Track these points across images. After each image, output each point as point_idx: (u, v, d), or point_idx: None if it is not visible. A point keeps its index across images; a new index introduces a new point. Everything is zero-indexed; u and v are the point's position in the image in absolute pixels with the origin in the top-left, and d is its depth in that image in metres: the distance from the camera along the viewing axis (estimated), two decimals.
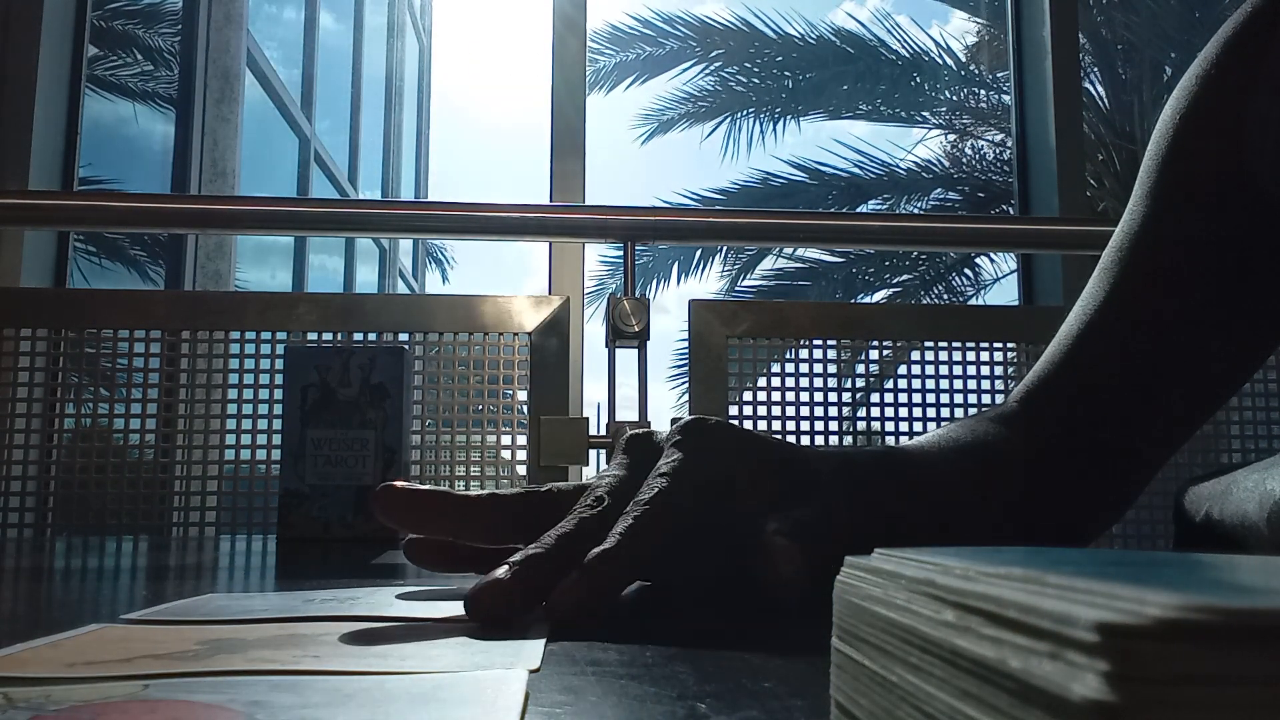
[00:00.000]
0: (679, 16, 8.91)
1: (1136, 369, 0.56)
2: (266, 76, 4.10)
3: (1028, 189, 1.89)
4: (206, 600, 0.40)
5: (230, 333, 1.15)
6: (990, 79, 8.14)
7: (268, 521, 1.11)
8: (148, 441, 1.15)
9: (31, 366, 1.13)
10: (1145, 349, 0.56)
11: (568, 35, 1.70)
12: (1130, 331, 0.57)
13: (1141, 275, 0.56)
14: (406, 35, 7.89)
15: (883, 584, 0.16)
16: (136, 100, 3.84)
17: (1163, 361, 0.56)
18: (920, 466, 0.54)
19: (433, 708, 0.21)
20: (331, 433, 0.79)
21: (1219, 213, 0.54)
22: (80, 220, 1.45)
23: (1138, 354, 0.56)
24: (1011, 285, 7.80)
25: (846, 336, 1.22)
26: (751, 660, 0.28)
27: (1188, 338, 0.56)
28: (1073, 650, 0.10)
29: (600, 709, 0.22)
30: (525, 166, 19.67)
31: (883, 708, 0.15)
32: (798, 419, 1.19)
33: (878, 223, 2.11)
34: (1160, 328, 0.56)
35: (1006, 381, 1.23)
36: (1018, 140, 1.92)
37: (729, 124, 8.80)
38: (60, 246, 1.68)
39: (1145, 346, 0.56)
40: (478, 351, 1.18)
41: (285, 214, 1.38)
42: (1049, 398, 0.59)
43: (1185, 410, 0.58)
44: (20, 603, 0.47)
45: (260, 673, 0.24)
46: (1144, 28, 7.18)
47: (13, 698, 0.22)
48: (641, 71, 9.09)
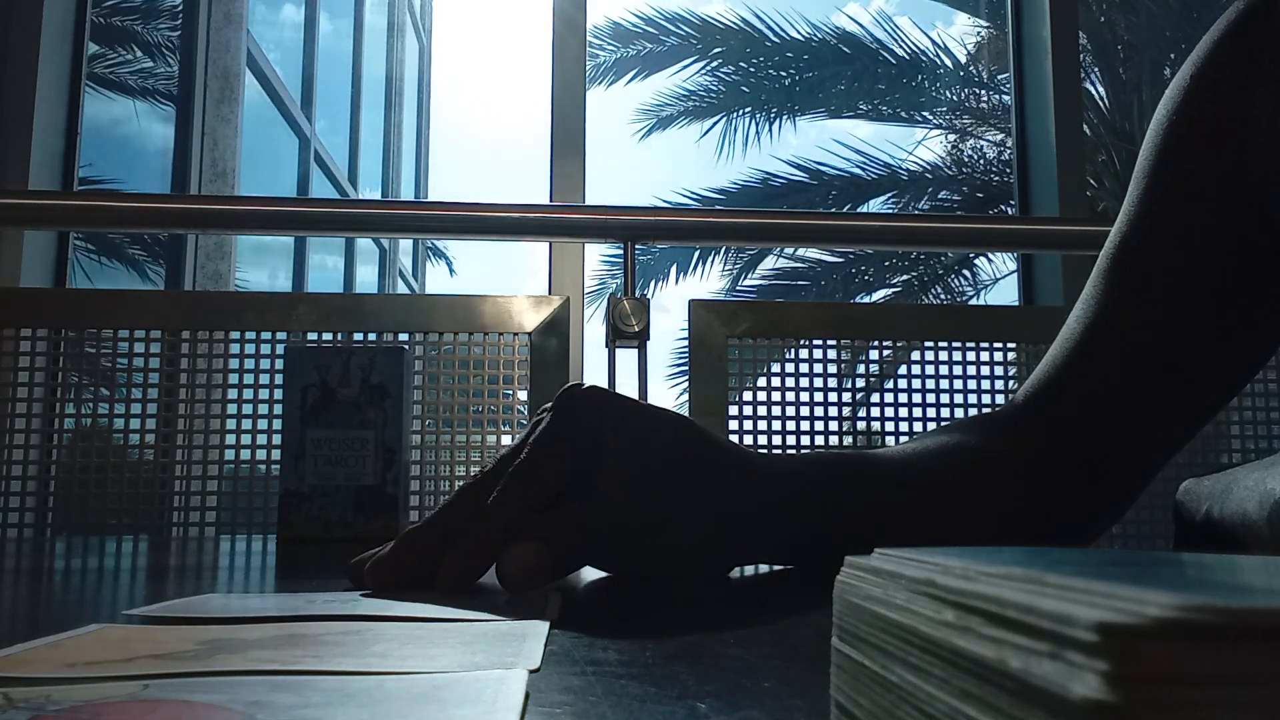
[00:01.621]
0: (681, 15, 8.92)
1: (1136, 374, 0.56)
2: (266, 76, 4.10)
3: (1028, 189, 1.89)
4: (206, 600, 0.40)
5: (230, 333, 1.15)
6: (990, 79, 8.15)
7: (268, 521, 1.11)
8: (148, 441, 1.15)
9: (31, 366, 1.13)
10: (1144, 354, 0.56)
11: (568, 36, 1.70)
12: (1129, 337, 0.56)
13: (1139, 279, 0.56)
14: (406, 35, 7.89)
15: (883, 584, 0.16)
16: (136, 97, 3.84)
17: (1162, 366, 0.56)
18: (887, 468, 0.55)
19: (433, 708, 0.21)
20: (331, 433, 0.79)
21: (1216, 214, 0.54)
22: (80, 220, 1.45)
23: (1137, 359, 0.56)
24: (1011, 285, 7.81)
25: (846, 336, 1.22)
26: (751, 660, 0.28)
27: (1187, 342, 0.56)
28: (1073, 650, 0.10)
29: (600, 709, 0.22)
30: (525, 166, 19.67)
31: (883, 708, 0.15)
32: (798, 419, 1.19)
33: (878, 223, 2.11)
34: (1159, 332, 0.56)
35: (1006, 381, 1.23)
36: (1018, 140, 1.92)
37: (726, 122, 8.81)
38: (60, 246, 1.68)
39: (1145, 352, 0.56)
40: (478, 351, 1.18)
41: (285, 214, 1.38)
42: (1049, 402, 0.59)
43: (1185, 414, 0.58)
44: (20, 603, 0.47)
45: (260, 673, 0.24)
46: (1144, 28, 7.18)
47: (13, 698, 0.22)
48: (642, 68, 9.10)
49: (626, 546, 0.44)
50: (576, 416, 0.44)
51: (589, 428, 0.43)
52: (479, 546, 0.40)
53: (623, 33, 9.04)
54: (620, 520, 0.43)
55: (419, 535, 0.42)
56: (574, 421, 0.43)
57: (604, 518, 0.43)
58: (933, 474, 0.56)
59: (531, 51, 13.14)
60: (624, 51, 9.08)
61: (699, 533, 0.46)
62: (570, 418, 0.44)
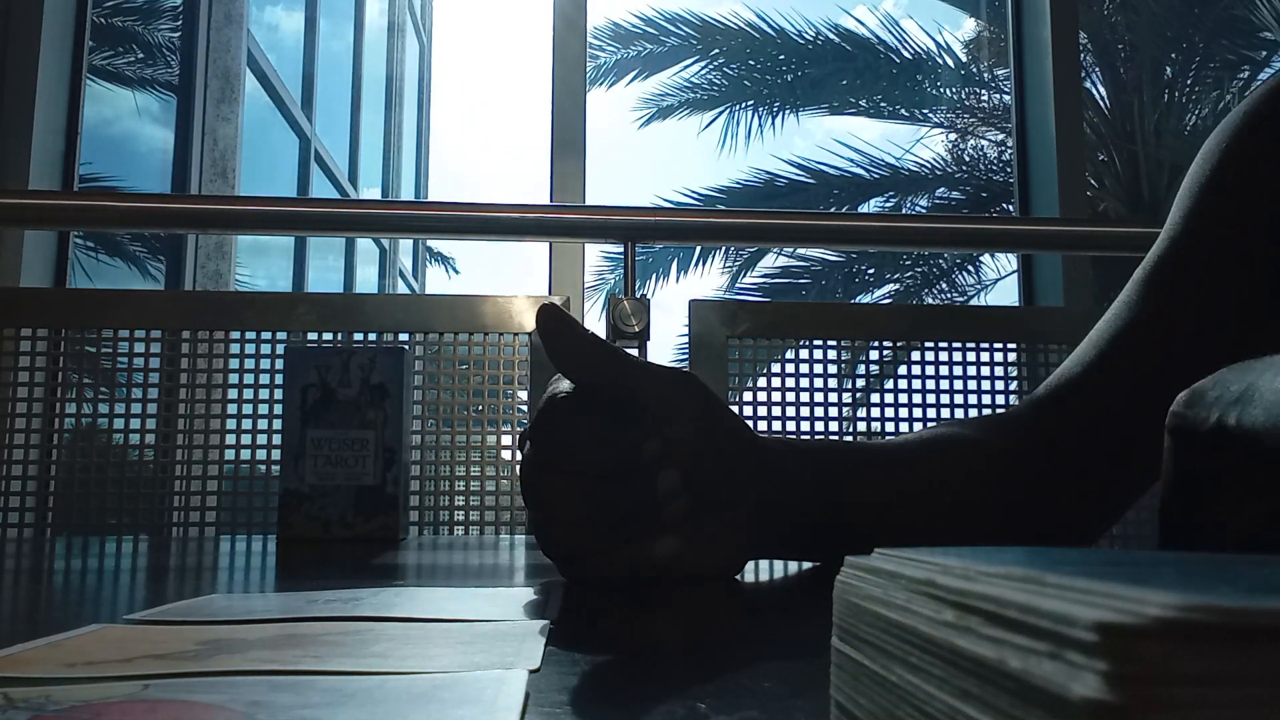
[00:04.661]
0: (680, 15, 8.92)
1: (1161, 380, 0.56)
2: (267, 76, 4.10)
3: (1028, 189, 1.89)
4: (208, 601, 0.40)
5: (230, 333, 1.15)
6: (991, 78, 8.15)
7: (268, 521, 1.11)
8: (148, 441, 1.15)
9: (32, 366, 1.13)
10: (1172, 362, 0.56)
11: (568, 36, 1.70)
12: (1159, 344, 0.57)
13: (1177, 291, 0.57)
14: (406, 35, 7.89)
15: (883, 584, 0.16)
16: (135, 88, 3.83)
17: (1188, 376, 0.56)
18: (880, 448, 0.56)
19: (433, 708, 0.21)
20: (331, 433, 0.79)
21: (1264, 235, 0.55)
22: (80, 220, 1.45)
23: (1164, 366, 0.57)
24: (1012, 285, 7.81)
25: (846, 336, 1.22)
26: (751, 660, 0.28)
27: (1216, 356, 0.56)
28: (1072, 650, 0.10)
29: (600, 709, 0.22)
30: (525, 166, 19.65)
31: (883, 708, 0.15)
32: (798, 419, 1.19)
33: (878, 223, 2.11)
34: (1191, 343, 0.56)
35: (1006, 381, 1.23)
36: (1018, 140, 1.92)
37: (728, 116, 8.81)
38: (60, 246, 1.68)
39: (1173, 360, 0.56)
40: (478, 351, 1.18)
41: (285, 214, 1.38)
42: (1070, 398, 0.59)
43: None
44: (20, 603, 0.47)
45: (260, 673, 0.24)
46: (1144, 27, 7.18)
47: (13, 698, 0.22)
48: (642, 69, 9.10)
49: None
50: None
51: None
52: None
53: (623, 34, 9.04)
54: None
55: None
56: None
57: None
58: (933, 458, 0.57)
59: (531, 51, 13.13)
60: (624, 52, 9.08)
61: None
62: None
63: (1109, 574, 0.12)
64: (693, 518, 0.46)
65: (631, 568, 0.46)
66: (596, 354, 0.47)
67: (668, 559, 0.46)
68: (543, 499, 0.47)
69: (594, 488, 0.46)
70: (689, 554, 0.46)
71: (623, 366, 0.47)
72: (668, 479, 0.46)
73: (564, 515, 0.46)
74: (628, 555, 0.46)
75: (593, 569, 0.47)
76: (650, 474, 0.46)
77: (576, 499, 0.46)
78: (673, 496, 0.46)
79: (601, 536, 0.46)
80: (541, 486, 0.47)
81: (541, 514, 0.47)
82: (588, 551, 0.46)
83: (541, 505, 0.47)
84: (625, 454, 0.46)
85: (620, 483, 0.46)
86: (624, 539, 0.46)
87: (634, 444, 0.46)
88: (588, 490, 0.46)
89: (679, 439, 0.46)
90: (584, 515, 0.46)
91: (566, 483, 0.46)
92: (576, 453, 0.46)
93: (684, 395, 0.48)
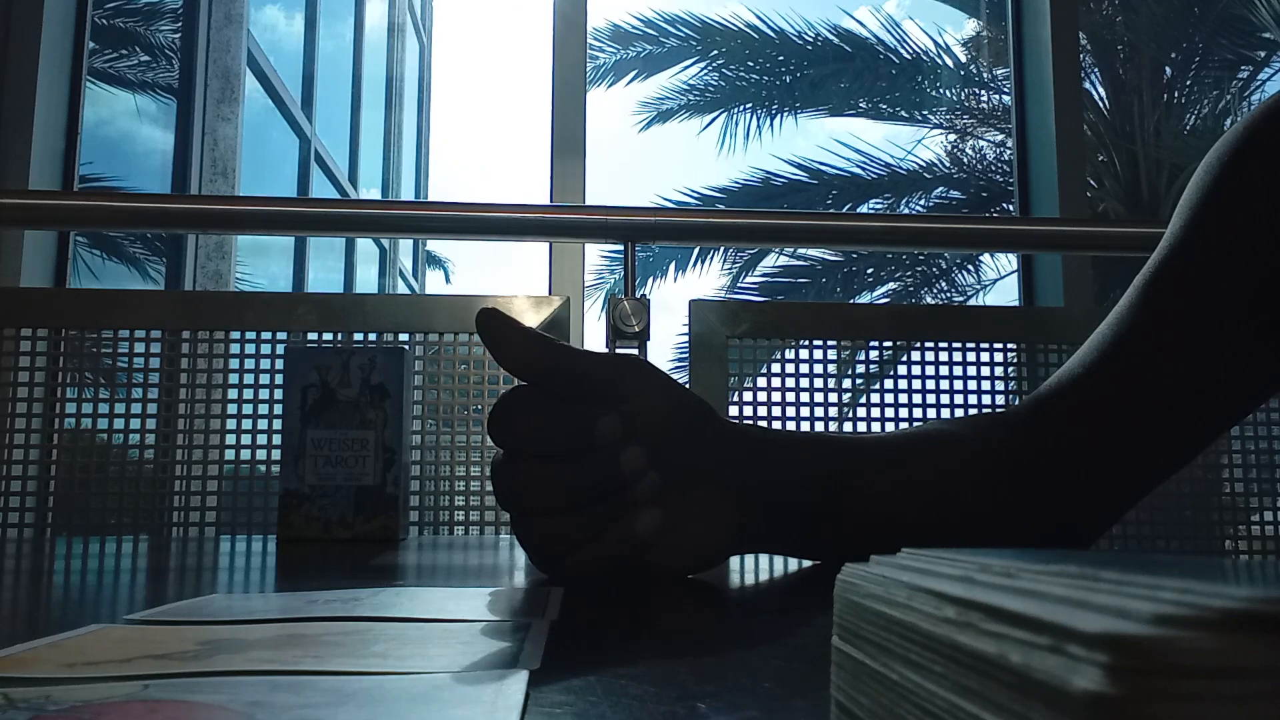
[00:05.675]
0: (680, 16, 8.92)
1: (1161, 382, 0.57)
2: (267, 76, 4.10)
3: (1028, 189, 1.89)
4: (208, 601, 0.40)
5: (230, 333, 1.15)
6: (991, 79, 8.15)
7: (268, 522, 1.11)
8: (148, 441, 1.15)
9: (32, 366, 1.13)
10: (1172, 364, 0.57)
11: (568, 36, 1.70)
12: (1160, 345, 0.57)
13: (1179, 294, 0.57)
14: (406, 35, 7.89)
15: (883, 582, 0.16)
16: (137, 91, 3.83)
17: (1187, 378, 0.56)
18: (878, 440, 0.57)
19: (433, 708, 0.21)
20: (331, 433, 0.79)
21: (1258, 250, 0.55)
22: (80, 220, 1.45)
23: (1165, 368, 0.57)
24: (1011, 285, 7.81)
25: (846, 337, 1.22)
26: (751, 660, 0.28)
27: (1216, 360, 0.56)
28: (1073, 644, 0.10)
29: (600, 709, 0.22)
30: (525, 166, 19.65)
31: (883, 706, 0.15)
32: (798, 419, 1.19)
33: (878, 223, 2.11)
34: (1192, 345, 0.57)
35: (1006, 381, 1.23)
36: (1018, 140, 1.92)
37: (727, 116, 8.82)
38: (60, 246, 1.68)
39: (1173, 362, 0.57)
40: (478, 351, 1.18)
41: (285, 214, 1.38)
42: (1070, 398, 0.59)
43: (1202, 427, 0.59)
44: (20, 603, 0.47)
45: (260, 673, 0.24)
46: (1144, 28, 7.18)
47: (13, 698, 0.22)
48: (642, 70, 9.10)
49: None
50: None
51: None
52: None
53: (622, 34, 9.04)
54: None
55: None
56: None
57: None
58: (930, 451, 0.57)
59: (531, 52, 13.13)
60: (624, 53, 9.08)
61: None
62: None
63: (1109, 572, 0.12)
64: (668, 495, 0.47)
65: (617, 552, 0.46)
66: (539, 347, 0.47)
67: (650, 533, 0.45)
68: (510, 492, 0.47)
69: (557, 471, 0.46)
70: (673, 534, 0.46)
71: (568, 355, 0.47)
72: (632, 455, 0.45)
73: (534, 504, 0.46)
74: (611, 538, 0.46)
75: (579, 563, 0.46)
76: (613, 451, 0.45)
77: (542, 484, 0.46)
78: (640, 474, 0.46)
79: (580, 525, 0.46)
80: (506, 479, 0.47)
81: (514, 509, 0.48)
82: (570, 544, 0.46)
83: (511, 500, 0.47)
84: (583, 433, 0.46)
85: (583, 460, 0.46)
86: (602, 523, 0.46)
87: (591, 421, 0.46)
88: (551, 474, 0.46)
89: (636, 413, 0.46)
90: (553, 501, 0.46)
91: (528, 469, 0.46)
92: (533, 439, 0.46)
93: (635, 374, 0.48)
